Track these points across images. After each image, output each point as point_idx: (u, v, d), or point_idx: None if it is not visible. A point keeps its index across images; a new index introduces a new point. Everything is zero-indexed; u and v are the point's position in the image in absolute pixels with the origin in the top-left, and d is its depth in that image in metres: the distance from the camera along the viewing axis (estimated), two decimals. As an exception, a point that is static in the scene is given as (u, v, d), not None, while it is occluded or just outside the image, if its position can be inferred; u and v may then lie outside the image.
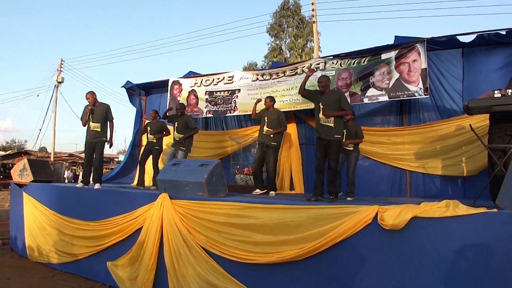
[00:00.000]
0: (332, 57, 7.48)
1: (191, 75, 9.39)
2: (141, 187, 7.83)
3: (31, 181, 7.72)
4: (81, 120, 6.94)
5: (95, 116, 6.83)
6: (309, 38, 25.22)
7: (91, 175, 6.98)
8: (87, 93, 6.89)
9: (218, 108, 8.74)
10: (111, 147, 7.26)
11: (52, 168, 8.97)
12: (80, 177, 7.29)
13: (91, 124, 6.84)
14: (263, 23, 31.66)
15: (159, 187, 5.72)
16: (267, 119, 6.68)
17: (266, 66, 25.91)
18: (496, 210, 3.32)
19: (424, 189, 6.84)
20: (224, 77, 8.77)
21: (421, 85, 6.37)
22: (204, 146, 9.10)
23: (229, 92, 8.60)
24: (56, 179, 8.71)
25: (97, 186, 6.77)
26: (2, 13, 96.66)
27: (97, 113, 6.85)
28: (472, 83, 6.53)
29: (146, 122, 8.47)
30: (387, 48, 6.78)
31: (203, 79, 9.08)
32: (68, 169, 28.05)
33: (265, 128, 6.65)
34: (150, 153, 7.98)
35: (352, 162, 6.20)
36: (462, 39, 6.49)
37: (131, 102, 10.82)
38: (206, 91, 8.95)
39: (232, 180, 8.22)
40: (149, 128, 8.09)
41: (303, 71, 7.63)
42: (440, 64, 6.87)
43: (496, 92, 4.23)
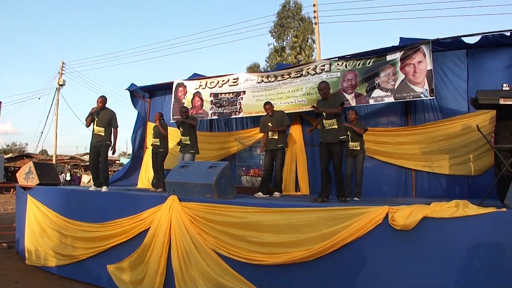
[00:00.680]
0: (337, 58, 7.48)
1: (195, 77, 9.41)
2: (161, 188, 7.77)
3: (37, 184, 7.72)
4: (85, 120, 7.02)
5: (100, 120, 6.91)
6: (308, 37, 25.27)
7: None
8: (99, 97, 6.99)
9: (223, 110, 8.77)
10: (114, 153, 7.34)
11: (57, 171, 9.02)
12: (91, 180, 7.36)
13: (95, 127, 6.93)
14: (266, 24, 31.82)
15: (167, 189, 5.74)
16: (271, 124, 6.74)
17: (268, 67, 25.95)
18: (505, 209, 3.35)
19: (430, 189, 6.88)
20: (229, 79, 8.79)
21: (426, 86, 6.40)
22: (208, 147, 9.11)
23: (234, 94, 8.62)
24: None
25: (104, 189, 6.81)
26: (3, 16, 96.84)
27: (102, 118, 6.92)
28: (477, 84, 6.53)
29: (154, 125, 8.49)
30: (392, 49, 6.81)
31: (208, 81, 9.10)
32: (68, 171, 28.15)
33: (270, 133, 6.73)
34: (156, 156, 8.01)
35: (360, 163, 6.29)
36: (467, 40, 6.52)
37: (134, 105, 10.78)
38: (211, 93, 8.97)
39: (237, 181, 8.22)
40: (152, 131, 8.16)
41: (308, 73, 7.66)
42: (445, 65, 6.91)
43: (504, 85, 4.28)
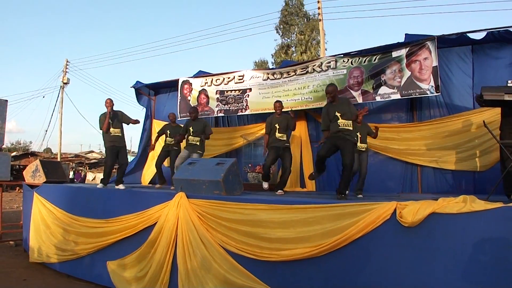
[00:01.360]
0: (342, 55, 7.50)
1: (201, 74, 9.43)
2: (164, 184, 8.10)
3: (43, 182, 7.79)
4: (100, 127, 7.05)
5: (115, 122, 7.07)
6: (314, 35, 25.23)
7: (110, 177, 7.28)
8: (107, 99, 7.08)
9: (229, 107, 8.80)
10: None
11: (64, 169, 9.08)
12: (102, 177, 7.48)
13: (112, 129, 7.03)
14: (272, 20, 31.81)
15: (175, 186, 5.79)
16: (278, 126, 6.74)
17: (274, 64, 26.00)
18: (512, 204, 3.38)
19: (436, 185, 6.90)
20: (234, 76, 8.81)
21: (432, 83, 6.44)
22: (213, 143, 9.09)
23: (240, 91, 8.64)
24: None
25: (121, 186, 6.97)
26: (7, 15, 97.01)
27: (115, 119, 7.09)
28: (482, 80, 6.56)
29: (165, 124, 8.53)
30: (398, 46, 6.83)
31: (213, 78, 9.13)
32: (72, 169, 28.23)
33: (278, 134, 6.72)
34: (168, 154, 8.08)
35: (365, 160, 6.30)
36: (472, 36, 6.52)
37: (139, 102, 10.87)
38: (217, 91, 9.00)
39: (244, 178, 8.21)
40: (168, 131, 8.17)
41: (313, 70, 7.68)
42: (450, 61, 6.92)
43: (509, 81, 4.30)
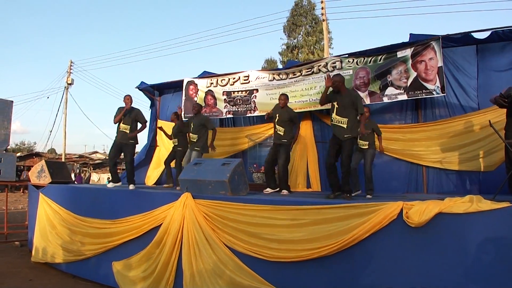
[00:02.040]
0: (347, 55, 7.50)
1: (206, 75, 9.42)
2: (171, 185, 8.13)
3: (49, 183, 7.82)
4: (114, 118, 7.16)
5: (127, 118, 7.12)
6: (321, 37, 25.25)
7: (117, 173, 7.31)
8: (127, 95, 7.20)
9: (237, 109, 8.80)
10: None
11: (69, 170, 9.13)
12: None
13: (121, 125, 7.11)
14: (280, 20, 31.93)
15: (181, 187, 5.80)
16: (278, 117, 6.73)
17: (281, 64, 26.10)
18: (519, 204, 3.38)
19: (441, 185, 6.90)
20: (239, 77, 8.81)
21: (438, 83, 6.43)
22: (218, 144, 9.08)
23: (247, 92, 8.65)
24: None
25: (131, 187, 6.97)
26: (12, 16, 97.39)
27: (131, 116, 7.15)
28: (487, 79, 6.57)
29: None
30: (402, 45, 6.83)
31: (219, 79, 9.12)
32: (73, 171, 28.25)
33: (276, 126, 6.73)
34: (175, 153, 8.15)
35: (368, 159, 6.28)
36: (477, 35, 6.51)
37: (151, 108, 10.89)
38: (224, 91, 8.99)
39: (249, 178, 8.20)
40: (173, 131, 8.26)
41: (319, 70, 7.68)
42: (454, 61, 6.90)
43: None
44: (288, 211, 4.39)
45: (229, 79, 8.99)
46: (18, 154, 35.40)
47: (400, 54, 6.84)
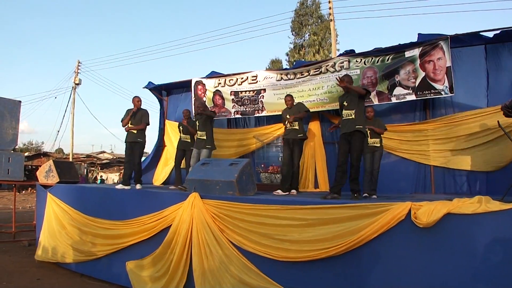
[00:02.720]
0: (355, 55, 7.44)
1: (213, 75, 9.43)
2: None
3: (57, 182, 7.88)
4: (121, 121, 7.26)
5: (135, 119, 7.19)
6: (327, 36, 25.20)
7: (131, 175, 7.34)
8: (135, 97, 7.30)
9: (245, 109, 8.82)
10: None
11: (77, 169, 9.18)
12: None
13: (129, 126, 7.18)
14: (286, 20, 31.93)
15: (189, 187, 5.83)
16: (288, 116, 6.79)
17: (288, 64, 26.08)
18: (528, 205, 3.36)
19: (449, 186, 6.84)
20: (247, 77, 8.80)
21: (446, 83, 6.40)
22: (226, 144, 9.18)
23: (255, 92, 8.64)
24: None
25: (138, 186, 7.06)
26: (20, 16, 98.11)
27: (137, 117, 7.23)
28: (497, 79, 6.52)
29: (179, 122, 8.62)
30: (411, 45, 6.78)
31: (226, 79, 9.13)
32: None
33: (288, 125, 6.76)
34: (184, 153, 8.17)
35: (378, 159, 6.22)
36: (486, 35, 6.46)
37: (161, 109, 10.92)
38: (231, 91, 9.00)
39: (256, 178, 8.22)
40: (181, 128, 8.29)
41: (327, 70, 7.67)
42: (463, 60, 6.84)
43: None
44: (297, 210, 4.40)
45: (237, 79, 8.99)
46: (26, 154, 35.69)
47: (408, 54, 6.80)
